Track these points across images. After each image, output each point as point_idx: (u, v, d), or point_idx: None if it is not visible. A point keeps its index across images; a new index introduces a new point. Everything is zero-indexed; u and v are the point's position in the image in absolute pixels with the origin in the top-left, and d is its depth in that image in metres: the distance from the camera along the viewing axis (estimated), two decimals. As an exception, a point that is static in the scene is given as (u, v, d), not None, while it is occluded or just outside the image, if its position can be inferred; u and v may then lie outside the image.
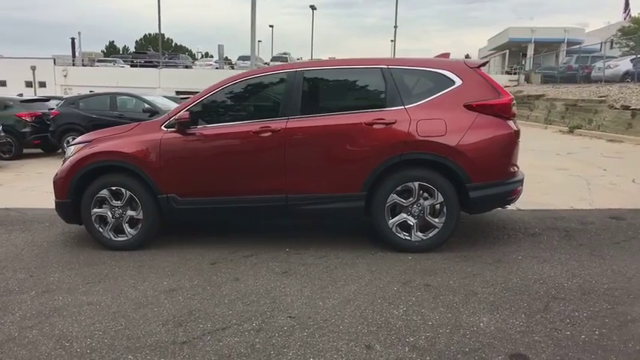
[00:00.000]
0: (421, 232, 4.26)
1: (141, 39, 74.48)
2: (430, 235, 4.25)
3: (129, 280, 3.86)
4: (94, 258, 4.41)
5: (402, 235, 4.27)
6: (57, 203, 4.72)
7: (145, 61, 38.17)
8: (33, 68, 37.20)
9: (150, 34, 71.55)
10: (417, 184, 4.18)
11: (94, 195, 4.54)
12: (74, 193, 4.58)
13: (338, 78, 4.55)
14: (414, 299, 3.36)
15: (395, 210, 4.28)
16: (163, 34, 74.72)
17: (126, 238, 4.58)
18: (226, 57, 39.95)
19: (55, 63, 38.16)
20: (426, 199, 4.23)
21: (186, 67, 40.97)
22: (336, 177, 4.28)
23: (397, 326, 2.98)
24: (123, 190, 4.50)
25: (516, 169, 4.42)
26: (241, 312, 3.25)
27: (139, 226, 4.55)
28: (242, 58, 37.59)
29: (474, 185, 4.13)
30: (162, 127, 4.51)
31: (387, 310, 3.20)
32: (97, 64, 39.74)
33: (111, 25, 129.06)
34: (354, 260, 4.15)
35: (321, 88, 4.55)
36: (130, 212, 4.55)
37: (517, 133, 4.30)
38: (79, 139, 4.92)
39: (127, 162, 4.47)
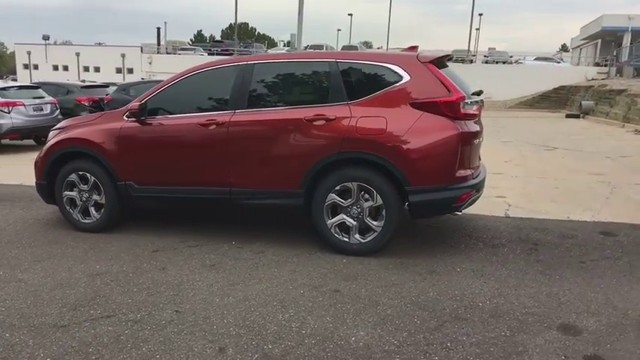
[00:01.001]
0: (361, 234, 4.07)
1: (226, 28, 77.43)
2: (369, 238, 4.04)
3: (70, 262, 4.07)
4: (59, 238, 4.69)
5: (340, 237, 4.10)
6: (36, 184, 5.09)
7: (222, 50, 39.67)
8: (122, 56, 40.23)
9: (234, 23, 74.11)
10: (355, 184, 3.98)
11: (64, 178, 4.83)
12: (49, 176, 4.91)
13: (287, 72, 4.41)
14: (309, 305, 3.23)
15: (335, 210, 4.12)
16: (247, 23, 77.43)
17: (91, 221, 4.84)
18: (307, 45, 40.35)
19: (142, 51, 40.81)
20: (366, 200, 4.02)
21: (260, 55, 41.96)
22: (276, 173, 4.20)
23: (268, 331, 2.89)
24: (88, 175, 4.75)
25: (469, 172, 4.03)
26: (139, 302, 3.31)
27: (102, 210, 4.78)
28: (313, 47, 37.80)
29: (414, 189, 3.86)
30: (124, 117, 4.68)
31: (273, 314, 3.10)
32: (179, 52, 41.92)
33: (201, 14, 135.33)
34: (287, 259, 4.06)
35: (269, 82, 4.44)
36: (95, 196, 4.79)
37: (466, 135, 3.90)
38: (57, 125, 5.24)
39: (89, 149, 4.70)
